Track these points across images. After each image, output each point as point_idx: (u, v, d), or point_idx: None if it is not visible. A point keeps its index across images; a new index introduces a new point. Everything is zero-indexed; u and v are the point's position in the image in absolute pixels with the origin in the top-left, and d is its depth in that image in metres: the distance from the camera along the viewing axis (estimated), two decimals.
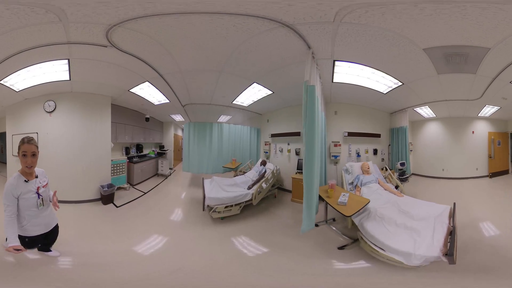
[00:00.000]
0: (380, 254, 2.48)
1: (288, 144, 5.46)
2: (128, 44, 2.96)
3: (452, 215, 2.72)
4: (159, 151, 7.21)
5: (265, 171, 5.13)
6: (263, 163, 5.58)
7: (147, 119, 6.40)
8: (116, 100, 5.09)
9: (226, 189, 4.34)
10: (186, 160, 6.50)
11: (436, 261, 2.25)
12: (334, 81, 3.74)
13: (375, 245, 2.55)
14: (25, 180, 2.19)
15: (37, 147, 2.21)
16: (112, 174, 5.11)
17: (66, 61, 3.29)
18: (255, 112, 6.14)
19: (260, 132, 6.44)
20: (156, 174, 6.97)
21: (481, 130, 4.11)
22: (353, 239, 3.01)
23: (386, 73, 3.48)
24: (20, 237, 2.14)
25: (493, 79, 3.13)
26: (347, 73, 3.56)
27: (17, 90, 3.86)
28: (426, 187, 4.05)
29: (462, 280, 2.23)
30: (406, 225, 2.64)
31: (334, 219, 3.70)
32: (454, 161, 4.16)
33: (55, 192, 2.45)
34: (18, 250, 2.02)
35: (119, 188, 5.24)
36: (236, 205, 3.95)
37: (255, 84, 4.26)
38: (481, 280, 2.23)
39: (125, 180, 5.56)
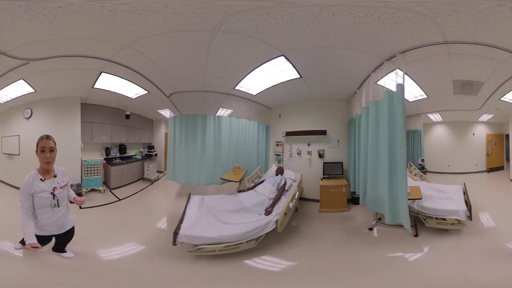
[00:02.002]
0: (448, 220, 3.24)
1: (309, 145, 4.83)
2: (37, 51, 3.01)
3: (464, 190, 3.81)
4: (147, 152, 6.14)
5: (285, 183, 3.98)
6: (280, 171, 4.42)
7: (127, 116, 5.45)
8: (89, 99, 4.90)
9: (226, 220, 2.91)
10: (170, 166, 5.01)
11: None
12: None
13: (440, 218, 3.28)
14: (41, 179, 2.16)
15: (55, 143, 2.22)
16: (86, 175, 4.82)
17: (22, 80, 3.82)
18: (263, 105, 5.17)
19: (269, 130, 5.48)
20: (142, 178, 5.96)
21: (480, 132, 4.88)
22: (412, 225, 3.28)
23: (421, 88, 4.11)
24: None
25: (488, 98, 4.23)
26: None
27: (2, 102, 4.51)
28: (436, 179, 4.68)
29: None
30: (445, 197, 3.68)
31: (380, 218, 3.74)
32: (458, 158, 4.87)
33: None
34: (35, 247, 2.02)
35: (93, 190, 4.91)
36: (248, 241, 2.69)
37: (282, 59, 3.10)
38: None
39: (101, 183, 4.95)
